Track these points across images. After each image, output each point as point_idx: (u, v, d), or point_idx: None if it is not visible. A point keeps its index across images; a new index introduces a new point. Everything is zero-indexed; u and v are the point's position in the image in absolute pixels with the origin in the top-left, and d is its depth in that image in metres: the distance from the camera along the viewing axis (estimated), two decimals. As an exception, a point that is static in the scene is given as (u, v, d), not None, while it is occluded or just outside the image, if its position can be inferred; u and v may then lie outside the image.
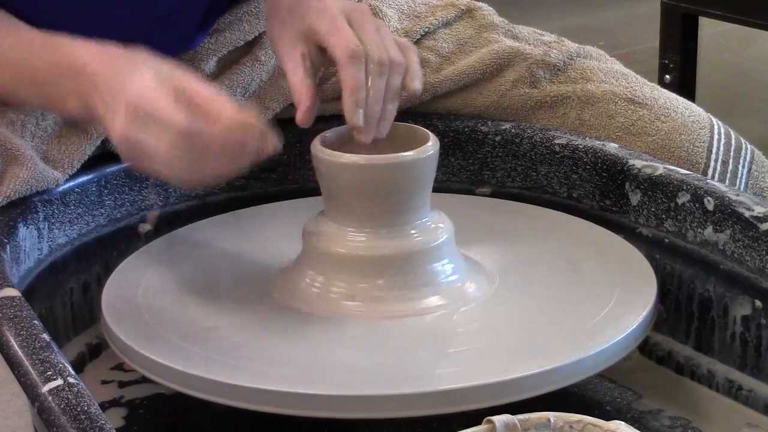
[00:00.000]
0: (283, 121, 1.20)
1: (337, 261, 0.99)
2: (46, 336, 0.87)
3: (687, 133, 1.17)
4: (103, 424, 0.75)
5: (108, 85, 0.99)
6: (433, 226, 1.01)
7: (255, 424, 1.01)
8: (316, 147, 1.00)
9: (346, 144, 1.02)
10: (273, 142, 0.96)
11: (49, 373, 0.81)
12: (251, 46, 1.23)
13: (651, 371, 1.09)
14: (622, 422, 0.74)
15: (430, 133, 1.02)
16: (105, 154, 1.16)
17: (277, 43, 1.07)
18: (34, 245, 1.08)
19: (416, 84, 1.03)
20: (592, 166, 1.15)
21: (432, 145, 1.00)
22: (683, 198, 1.06)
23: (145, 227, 1.18)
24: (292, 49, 1.04)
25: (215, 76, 1.21)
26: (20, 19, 1.10)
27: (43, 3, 1.12)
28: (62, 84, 1.03)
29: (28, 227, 1.07)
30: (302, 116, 1.02)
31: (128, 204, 1.18)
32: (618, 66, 1.25)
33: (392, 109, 1.02)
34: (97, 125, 1.06)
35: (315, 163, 1.00)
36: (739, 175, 1.19)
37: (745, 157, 1.20)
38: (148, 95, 0.96)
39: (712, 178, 1.16)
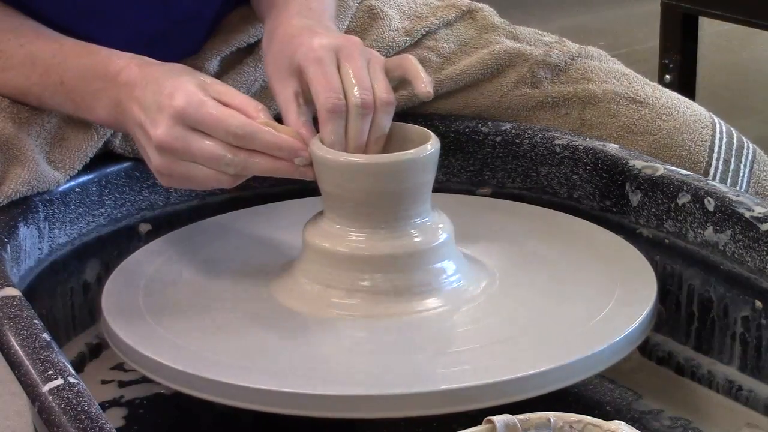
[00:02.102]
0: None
1: (337, 261, 0.99)
2: (46, 335, 0.87)
3: (689, 131, 1.17)
4: (104, 423, 0.75)
5: (147, 92, 1.00)
6: (433, 226, 1.01)
7: (255, 424, 1.01)
8: (316, 146, 1.00)
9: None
10: (312, 172, 1.00)
11: (50, 372, 0.81)
12: (254, 46, 1.23)
13: (651, 372, 1.09)
14: (622, 422, 0.74)
15: (430, 132, 1.02)
16: (106, 154, 1.16)
17: (271, 79, 1.07)
18: (35, 245, 1.08)
19: (426, 87, 1.03)
20: (592, 167, 1.15)
21: (432, 144, 1.00)
22: (683, 198, 1.06)
23: (146, 227, 1.19)
24: (284, 86, 1.04)
25: (218, 77, 1.21)
26: (42, 18, 1.11)
27: (64, 3, 1.12)
28: (93, 89, 1.05)
29: (28, 227, 1.07)
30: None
31: (128, 204, 1.18)
32: (619, 66, 1.25)
33: (377, 146, 1.01)
34: (125, 131, 1.07)
35: (314, 162, 1.00)
36: (741, 174, 1.19)
37: (747, 156, 1.20)
38: (195, 98, 0.98)
39: (714, 176, 1.16)
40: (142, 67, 1.03)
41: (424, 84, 1.02)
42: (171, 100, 0.98)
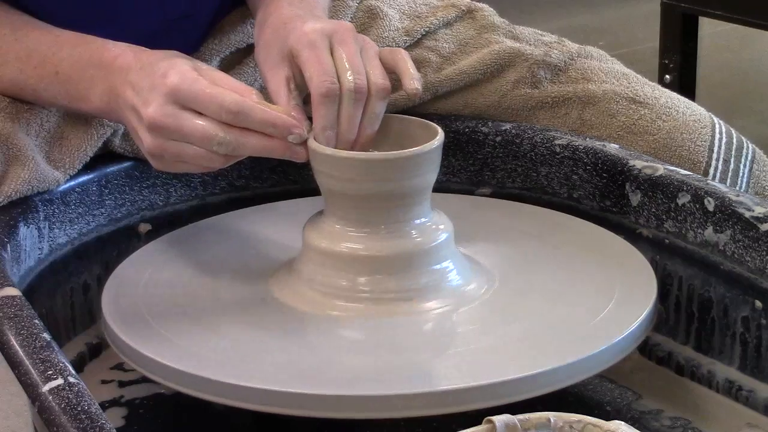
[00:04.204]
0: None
1: (337, 261, 0.99)
2: (46, 335, 0.87)
3: (688, 132, 1.17)
4: (104, 423, 0.75)
5: (142, 75, 1.00)
6: (433, 226, 1.01)
7: (255, 424, 1.01)
8: (314, 143, 0.99)
9: None
10: (304, 152, 0.99)
11: (50, 372, 0.81)
12: (253, 45, 1.23)
13: (651, 372, 1.09)
14: (622, 422, 0.74)
15: (435, 125, 1.01)
16: (106, 154, 1.16)
17: (263, 65, 1.07)
18: (35, 244, 1.08)
19: (414, 84, 1.02)
20: (592, 167, 1.15)
21: (436, 140, 0.99)
22: (683, 198, 1.06)
23: (146, 227, 1.19)
24: (276, 72, 1.04)
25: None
26: (37, 18, 1.11)
27: (60, 3, 1.12)
28: (88, 77, 1.05)
29: (28, 226, 1.07)
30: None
31: (128, 204, 1.18)
32: (618, 66, 1.25)
33: (370, 133, 1.01)
34: (119, 118, 1.06)
35: (315, 159, 0.99)
36: (741, 174, 1.19)
37: (746, 156, 1.20)
38: (189, 76, 0.97)
39: (714, 177, 1.16)
40: (137, 53, 1.04)
41: (412, 81, 1.02)
42: (164, 79, 0.98)
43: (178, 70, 0.98)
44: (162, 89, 0.97)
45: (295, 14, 1.07)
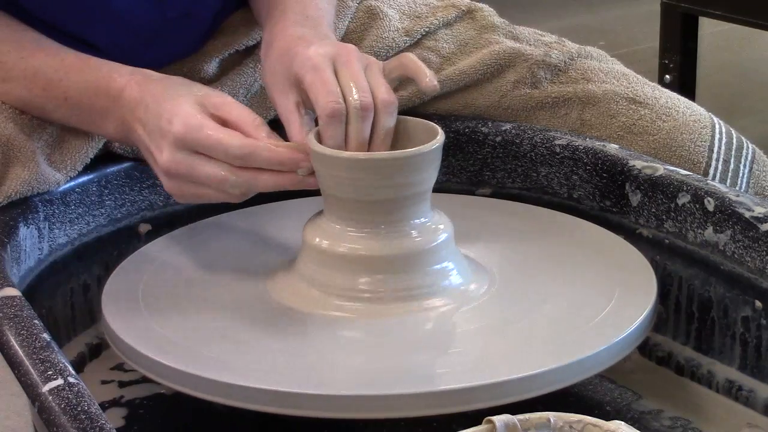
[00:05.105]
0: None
1: (337, 261, 0.99)
2: (46, 336, 0.87)
3: (688, 132, 1.17)
4: (104, 423, 0.75)
5: (149, 114, 1.01)
6: (433, 226, 1.01)
7: (255, 424, 1.01)
8: (314, 143, 0.99)
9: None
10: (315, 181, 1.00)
11: (50, 372, 0.81)
12: (253, 48, 1.23)
13: (651, 372, 1.09)
14: (622, 422, 0.74)
15: (435, 126, 1.01)
16: (106, 155, 1.16)
17: (272, 89, 1.07)
18: (35, 245, 1.08)
19: (430, 81, 1.03)
20: (592, 167, 1.15)
21: (437, 141, 0.99)
22: (683, 199, 1.06)
23: (146, 227, 1.19)
24: (285, 97, 1.04)
25: (217, 78, 1.21)
26: (37, 19, 1.11)
27: (57, 2, 1.12)
28: (98, 107, 1.07)
29: (28, 227, 1.07)
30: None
31: (128, 204, 1.18)
32: (618, 66, 1.25)
33: (383, 149, 1.01)
34: (135, 146, 1.09)
35: (316, 159, 0.99)
36: (741, 174, 1.19)
37: (746, 156, 1.20)
38: (193, 122, 0.99)
39: (714, 177, 1.16)
40: (141, 85, 1.04)
41: (428, 79, 1.02)
42: (170, 126, 0.99)
43: (182, 114, 0.99)
44: (169, 137, 0.99)
45: (300, 35, 1.07)
